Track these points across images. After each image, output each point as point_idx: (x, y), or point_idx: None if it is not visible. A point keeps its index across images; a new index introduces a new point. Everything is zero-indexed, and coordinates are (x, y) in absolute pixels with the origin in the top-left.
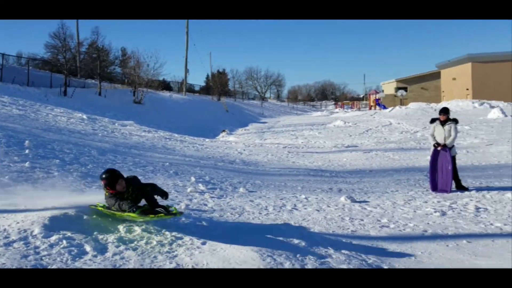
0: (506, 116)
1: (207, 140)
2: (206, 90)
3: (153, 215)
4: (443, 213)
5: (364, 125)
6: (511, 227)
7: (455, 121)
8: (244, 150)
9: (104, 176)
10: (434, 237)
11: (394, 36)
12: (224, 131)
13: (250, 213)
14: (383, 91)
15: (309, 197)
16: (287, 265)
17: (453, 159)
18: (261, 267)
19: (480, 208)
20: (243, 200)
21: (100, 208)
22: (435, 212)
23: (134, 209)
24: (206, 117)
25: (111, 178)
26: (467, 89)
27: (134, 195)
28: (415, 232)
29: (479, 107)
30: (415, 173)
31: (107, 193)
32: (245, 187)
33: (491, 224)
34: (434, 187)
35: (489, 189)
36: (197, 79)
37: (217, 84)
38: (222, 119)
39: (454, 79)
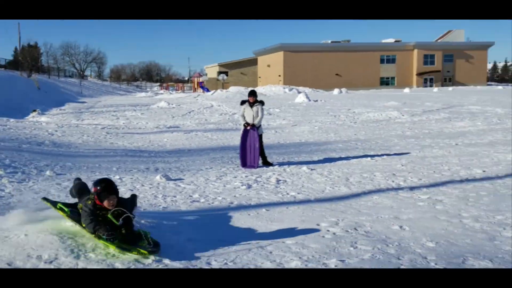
0: (310, 100)
1: (12, 120)
2: (14, 64)
3: (134, 251)
4: (249, 186)
5: (187, 106)
6: (303, 195)
7: (262, 103)
8: (57, 131)
9: (99, 186)
10: (239, 207)
11: (217, 22)
12: (35, 111)
13: (55, 197)
14: (206, 74)
15: (123, 178)
16: (89, 245)
17: (260, 137)
18: (61, 250)
19: (280, 180)
20: (48, 184)
21: (60, 212)
22: (242, 185)
23: (112, 240)
24: (13, 95)
25: (106, 190)
26: (280, 76)
27: (116, 214)
28: (222, 204)
29: (289, 92)
30: (229, 151)
31: (90, 201)
32: (53, 170)
33: (287, 194)
34: (244, 164)
35: (289, 163)
36: (3, 52)
37: (27, 59)
38: (34, 98)
39: (268, 66)
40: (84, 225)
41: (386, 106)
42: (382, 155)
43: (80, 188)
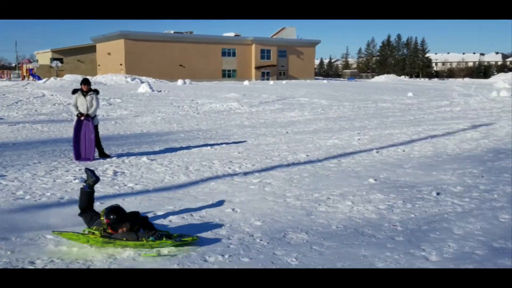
0: (153, 90)
1: None
2: None
3: (189, 239)
4: (83, 180)
5: (14, 96)
6: (141, 186)
7: (96, 91)
8: None
9: (111, 216)
10: (70, 202)
11: None
12: None
13: None
14: (37, 61)
15: None
16: None
17: (96, 128)
18: None
19: (118, 172)
20: None
21: (92, 236)
22: (75, 179)
23: (161, 236)
24: None
25: (118, 221)
26: (121, 64)
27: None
28: (51, 200)
29: (131, 82)
30: (62, 144)
31: (109, 231)
32: None
33: (125, 185)
34: (78, 156)
35: (129, 155)
36: None
37: None
38: None
39: (109, 54)
40: (125, 238)
41: (227, 97)
42: (222, 143)
43: (91, 200)
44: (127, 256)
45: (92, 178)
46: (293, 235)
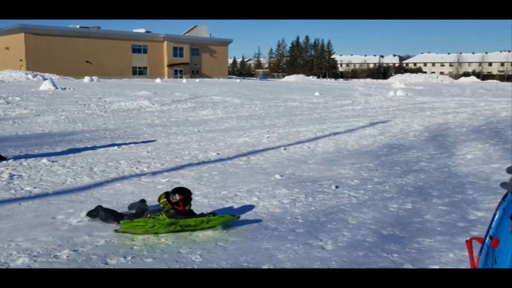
0: (57, 88)
1: None
2: None
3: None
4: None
5: None
6: (40, 189)
7: None
8: None
9: (184, 195)
10: None
11: None
12: None
13: None
14: None
15: None
16: None
17: None
18: None
19: (14, 175)
20: None
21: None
22: None
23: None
24: None
25: (190, 198)
26: (21, 60)
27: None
28: None
29: (33, 79)
30: None
31: (173, 211)
32: None
33: (22, 189)
34: None
35: (27, 156)
36: None
37: None
38: None
39: (7, 48)
40: (187, 219)
41: (138, 95)
42: (130, 143)
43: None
44: (22, 263)
45: (96, 211)
46: (199, 233)
